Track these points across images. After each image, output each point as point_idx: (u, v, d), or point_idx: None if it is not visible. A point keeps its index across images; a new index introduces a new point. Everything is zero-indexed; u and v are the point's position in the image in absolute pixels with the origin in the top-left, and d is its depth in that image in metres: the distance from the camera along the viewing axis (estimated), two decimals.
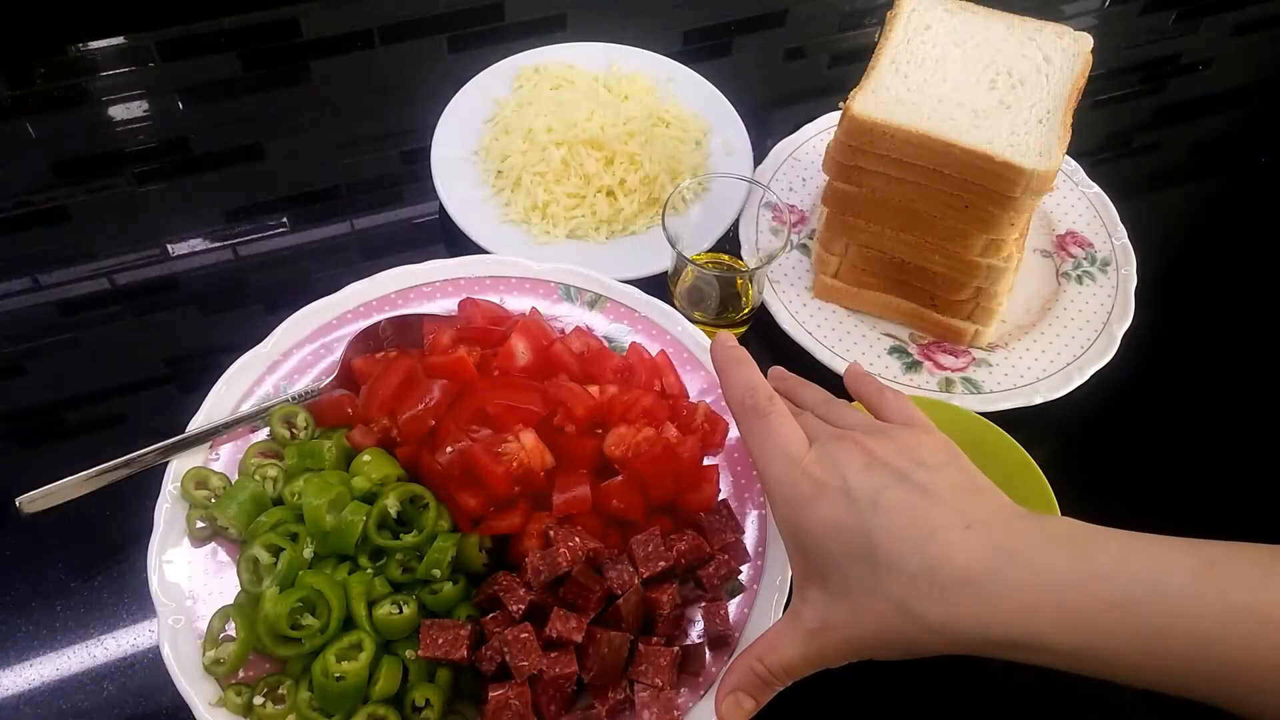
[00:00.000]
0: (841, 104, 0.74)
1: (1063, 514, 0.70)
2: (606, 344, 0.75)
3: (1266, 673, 0.42)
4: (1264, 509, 0.77)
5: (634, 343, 0.75)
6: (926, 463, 0.51)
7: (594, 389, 0.69)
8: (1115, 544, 0.47)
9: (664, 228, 0.75)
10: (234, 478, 0.67)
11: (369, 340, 0.73)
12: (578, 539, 0.61)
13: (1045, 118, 0.73)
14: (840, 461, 0.51)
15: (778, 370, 0.65)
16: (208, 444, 0.69)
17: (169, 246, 0.88)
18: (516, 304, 0.77)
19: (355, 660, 0.59)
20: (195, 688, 0.59)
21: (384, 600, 0.62)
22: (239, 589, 0.63)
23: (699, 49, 1.07)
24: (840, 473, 0.51)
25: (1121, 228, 0.89)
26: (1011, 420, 0.76)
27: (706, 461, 0.70)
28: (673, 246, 0.75)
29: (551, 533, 0.63)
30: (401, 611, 0.61)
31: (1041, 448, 0.75)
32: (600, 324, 0.76)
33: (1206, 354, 0.87)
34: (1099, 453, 0.81)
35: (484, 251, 0.83)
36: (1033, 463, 0.72)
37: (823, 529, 0.50)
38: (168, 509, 0.65)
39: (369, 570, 0.63)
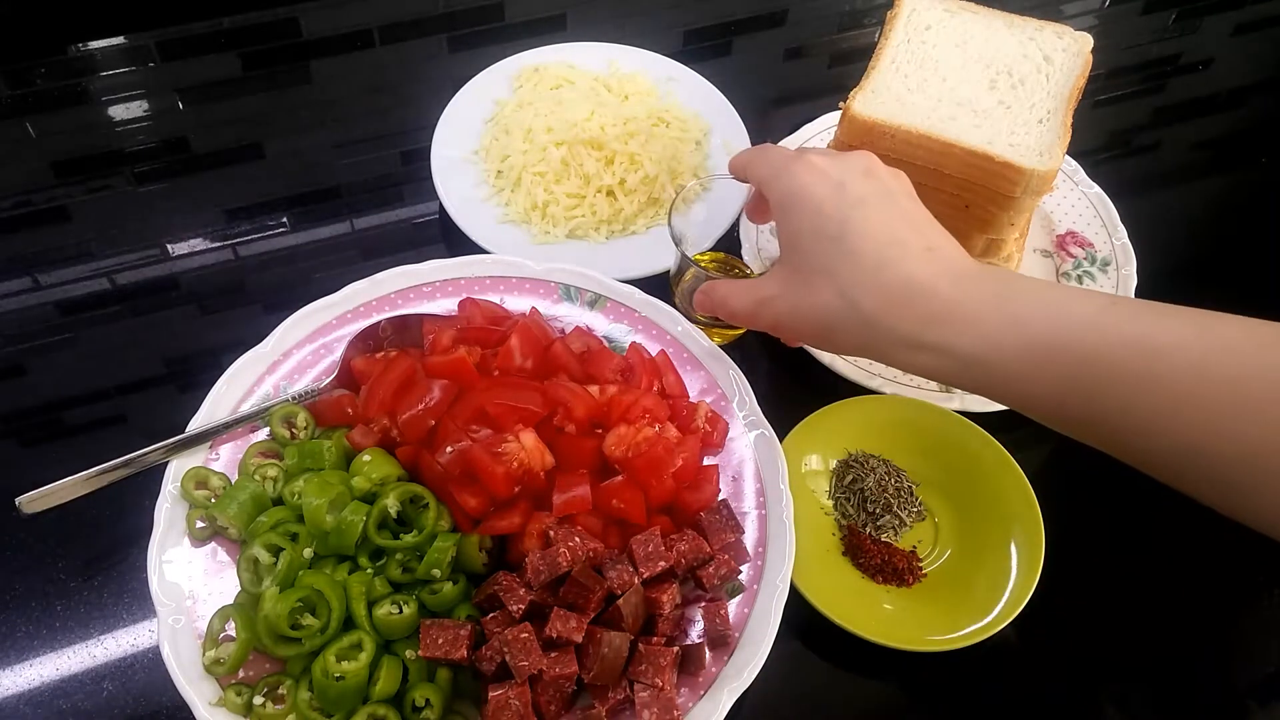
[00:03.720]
0: (841, 104, 0.75)
1: (1048, 517, 0.70)
2: (606, 344, 0.75)
3: (1138, 393, 0.47)
4: None
5: (634, 343, 0.75)
6: (913, 195, 0.58)
7: (594, 389, 0.69)
8: (1040, 283, 0.53)
9: (669, 227, 0.75)
10: (234, 478, 0.67)
11: (369, 340, 0.73)
12: (578, 539, 0.61)
13: (1045, 118, 0.73)
14: (846, 162, 0.58)
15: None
16: (208, 444, 0.69)
17: (169, 246, 0.88)
18: (516, 304, 0.77)
19: (355, 660, 0.59)
20: (195, 688, 0.59)
21: (384, 600, 0.62)
22: (239, 589, 0.63)
23: (699, 49, 1.07)
24: (841, 170, 0.57)
25: (1121, 228, 0.88)
26: (1010, 420, 0.76)
27: (706, 461, 0.71)
28: (677, 246, 0.75)
29: (551, 533, 0.63)
30: (401, 611, 0.61)
31: (1040, 448, 0.76)
32: (600, 324, 0.76)
33: None
34: (1097, 454, 0.81)
35: (484, 251, 0.83)
36: (1012, 461, 0.72)
37: (808, 207, 0.57)
38: (168, 509, 0.65)
39: (369, 570, 0.63)
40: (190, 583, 0.64)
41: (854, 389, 0.78)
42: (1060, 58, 0.76)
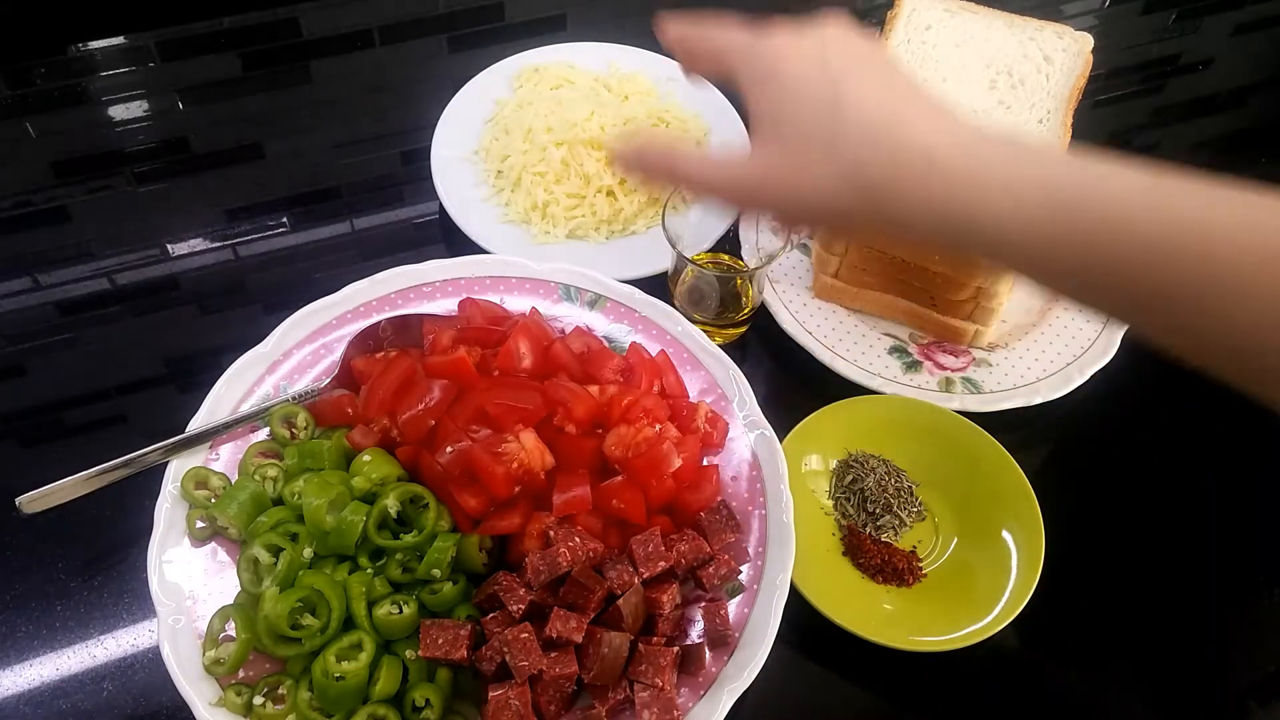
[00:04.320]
0: None
1: (1048, 517, 0.70)
2: (606, 344, 0.75)
3: (1193, 279, 0.42)
4: (1261, 511, 0.77)
5: (634, 343, 0.75)
6: (900, 61, 0.53)
7: (594, 389, 0.69)
8: (1077, 157, 0.47)
9: (664, 228, 0.75)
10: (234, 478, 0.67)
11: (369, 340, 0.73)
12: (578, 539, 0.61)
13: (1045, 118, 0.73)
14: (824, 35, 0.51)
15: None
16: (208, 444, 0.69)
17: (169, 246, 0.88)
18: (516, 304, 0.77)
19: (355, 660, 0.59)
20: (195, 688, 0.59)
21: (384, 600, 0.62)
22: (239, 589, 0.63)
23: None
24: (821, 41, 0.51)
25: None
26: (1010, 421, 0.76)
27: (706, 461, 0.71)
28: (673, 246, 0.75)
29: (551, 533, 0.63)
30: (401, 611, 0.61)
31: (1040, 448, 0.76)
32: (600, 324, 0.76)
33: None
34: (1098, 454, 0.81)
35: (484, 251, 0.83)
36: (1012, 461, 0.72)
37: (793, 82, 0.50)
38: (168, 509, 0.65)
39: (369, 570, 0.63)
40: (190, 583, 0.64)
41: (854, 389, 0.78)
42: (1060, 58, 0.76)
